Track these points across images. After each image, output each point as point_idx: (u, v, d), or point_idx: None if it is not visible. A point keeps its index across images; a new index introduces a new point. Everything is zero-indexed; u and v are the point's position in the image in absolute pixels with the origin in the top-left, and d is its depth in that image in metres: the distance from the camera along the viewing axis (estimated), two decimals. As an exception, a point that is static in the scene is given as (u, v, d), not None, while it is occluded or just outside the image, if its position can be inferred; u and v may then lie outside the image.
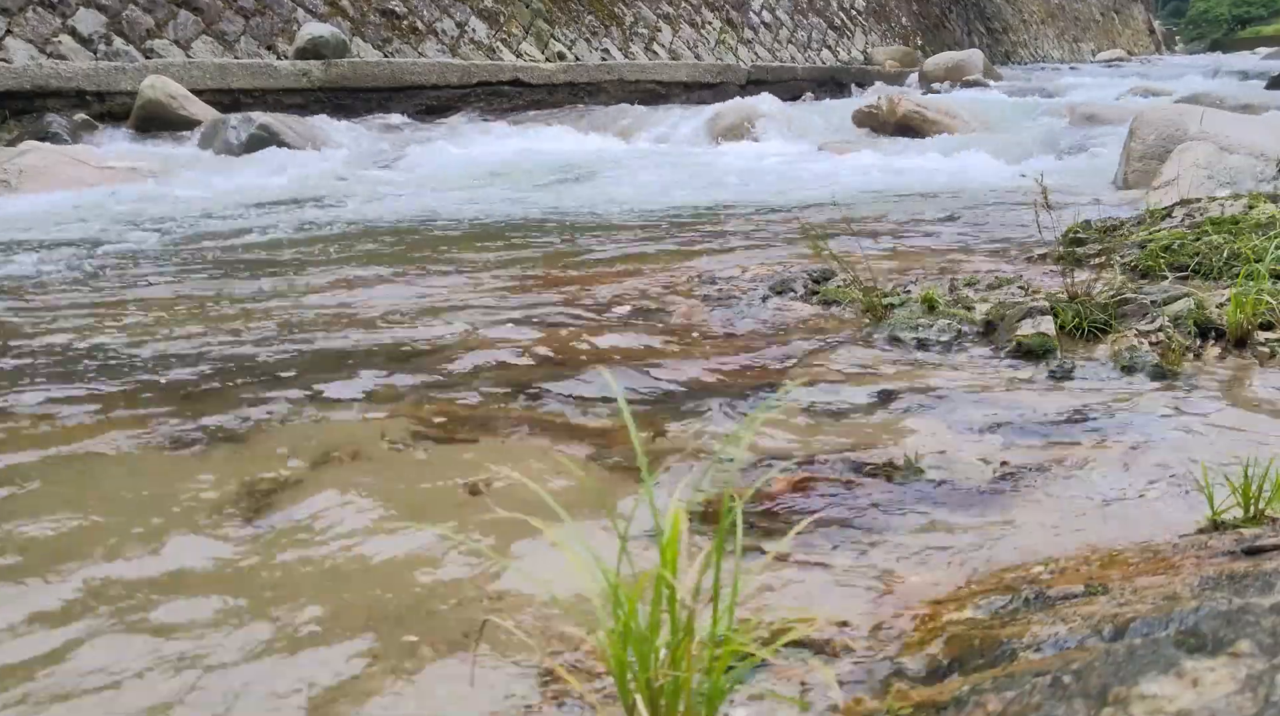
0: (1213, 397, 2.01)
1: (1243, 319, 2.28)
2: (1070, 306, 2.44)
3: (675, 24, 15.00)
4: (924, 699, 0.92)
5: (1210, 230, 3.09)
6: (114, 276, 3.54)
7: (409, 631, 1.19)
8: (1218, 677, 0.73)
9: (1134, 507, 1.51)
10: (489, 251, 4.05)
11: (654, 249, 4.03)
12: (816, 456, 1.73)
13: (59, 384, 2.18)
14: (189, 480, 1.64)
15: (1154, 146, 5.36)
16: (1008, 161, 6.95)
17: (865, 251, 3.16)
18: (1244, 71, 16.02)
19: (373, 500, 1.56)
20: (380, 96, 9.87)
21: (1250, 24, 57.51)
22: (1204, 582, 1.01)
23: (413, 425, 1.90)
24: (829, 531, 1.45)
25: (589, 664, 1.09)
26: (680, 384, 2.19)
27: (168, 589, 1.29)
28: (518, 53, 12.13)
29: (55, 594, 1.28)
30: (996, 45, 24.40)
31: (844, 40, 18.84)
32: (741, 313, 2.79)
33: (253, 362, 2.35)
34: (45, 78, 7.90)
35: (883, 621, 1.17)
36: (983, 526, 1.46)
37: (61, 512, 1.51)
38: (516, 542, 1.42)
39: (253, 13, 9.89)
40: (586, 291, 3.15)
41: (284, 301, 3.04)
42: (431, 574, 1.33)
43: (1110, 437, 1.81)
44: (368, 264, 3.75)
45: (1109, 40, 32.70)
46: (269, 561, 1.36)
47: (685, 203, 5.61)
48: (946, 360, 2.34)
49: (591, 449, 1.80)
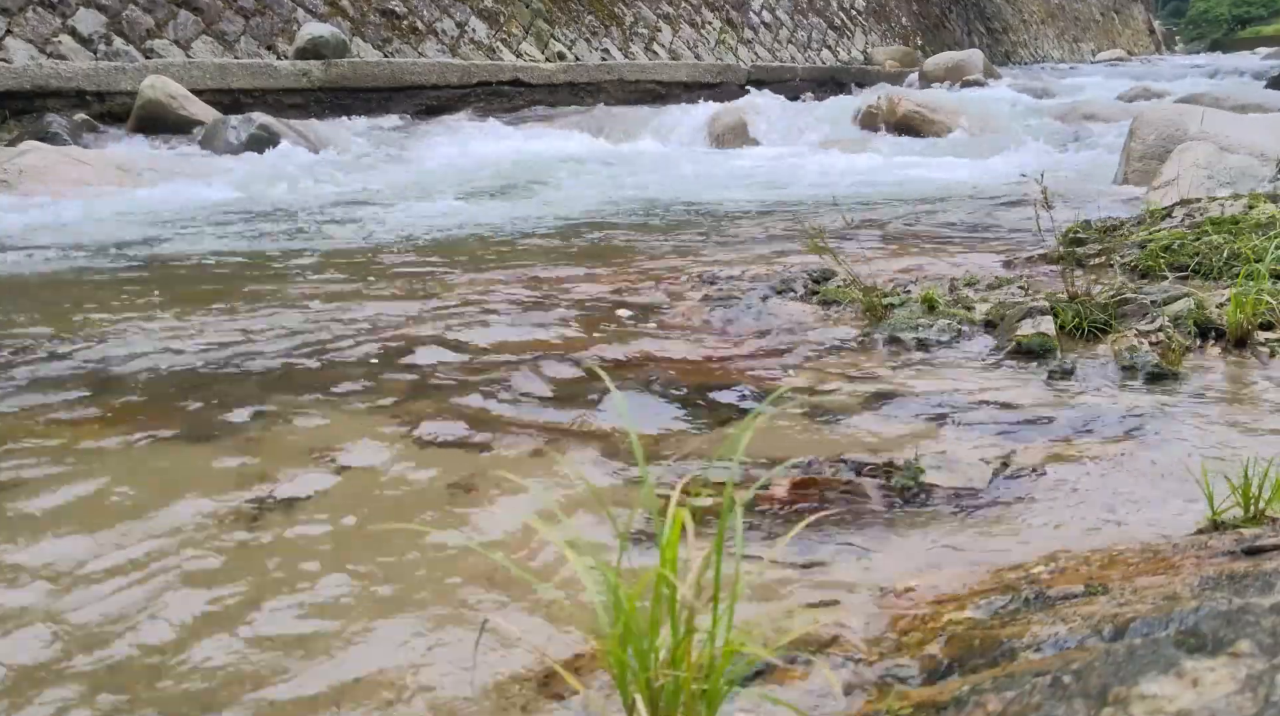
0: (1213, 397, 2.01)
1: (1243, 319, 2.28)
2: (1070, 306, 2.44)
3: (675, 24, 15.00)
4: (924, 699, 0.92)
5: (1210, 230, 3.09)
6: (112, 276, 3.54)
7: (410, 630, 1.19)
8: (1218, 677, 0.73)
9: (1134, 507, 1.51)
10: (488, 252, 4.05)
11: (653, 249, 4.03)
12: (816, 457, 1.73)
13: (41, 383, 2.18)
14: (187, 477, 1.64)
15: (1154, 146, 5.37)
16: (1007, 161, 6.95)
17: (865, 251, 3.16)
18: (1244, 71, 16.01)
19: (372, 500, 1.56)
20: (380, 96, 9.86)
21: (1250, 24, 57.49)
22: (1204, 582, 1.01)
23: (411, 426, 1.90)
24: (829, 531, 1.45)
25: (589, 664, 1.09)
26: (680, 384, 2.19)
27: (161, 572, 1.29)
28: (518, 53, 12.13)
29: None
30: (996, 45, 24.39)
31: (844, 40, 18.84)
32: (741, 313, 2.79)
33: (249, 362, 2.35)
34: (45, 78, 7.90)
35: (883, 621, 1.17)
36: (982, 526, 1.46)
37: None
38: (517, 543, 1.42)
39: (253, 13, 9.89)
40: (585, 291, 3.14)
41: (282, 302, 3.04)
42: (432, 572, 1.33)
43: (1110, 437, 1.81)
44: (367, 263, 3.75)
45: (1109, 40, 32.69)
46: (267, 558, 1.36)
47: (685, 203, 5.61)
48: (946, 360, 2.34)
49: (591, 450, 1.80)
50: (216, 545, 1.41)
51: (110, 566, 1.35)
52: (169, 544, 1.41)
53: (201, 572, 1.34)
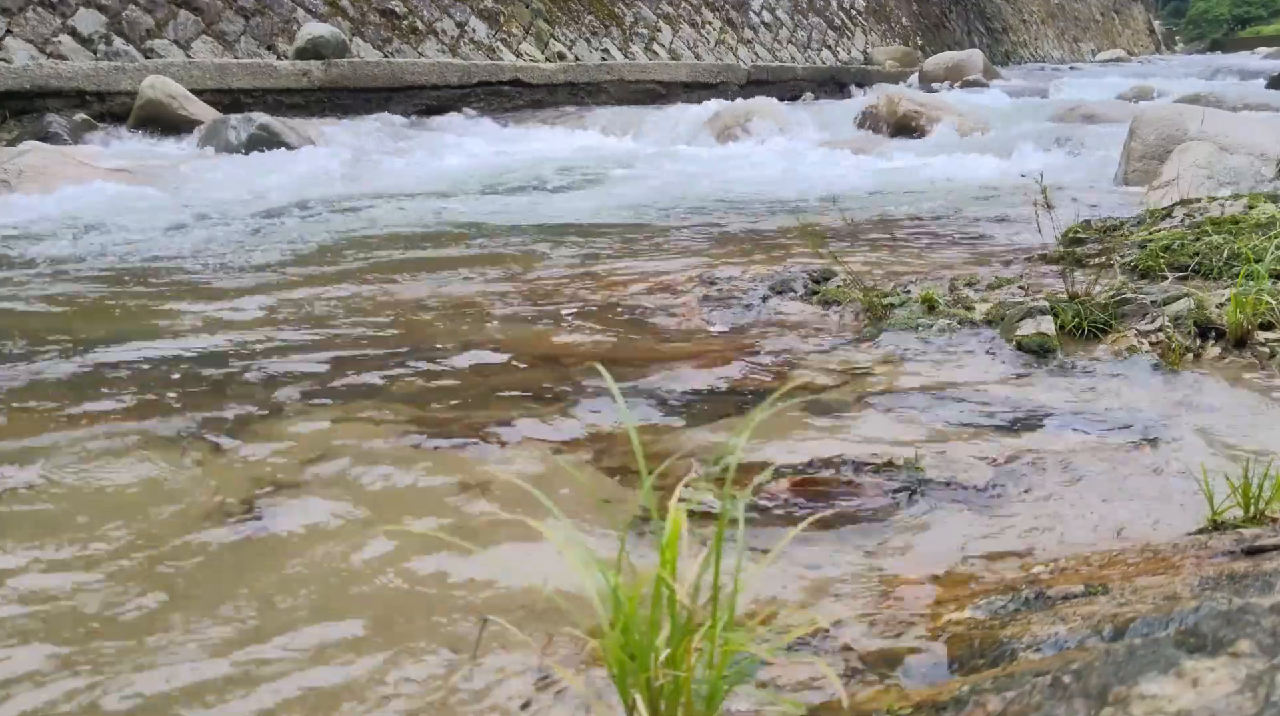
0: (1212, 397, 2.01)
1: (1243, 319, 2.28)
2: (1070, 306, 2.44)
3: (675, 24, 15.00)
4: (924, 699, 0.92)
5: (1210, 230, 3.09)
6: (111, 276, 3.54)
7: (410, 630, 1.19)
8: (1218, 677, 0.73)
9: (1134, 507, 1.51)
10: (488, 252, 4.05)
11: (653, 249, 4.03)
12: (816, 456, 1.73)
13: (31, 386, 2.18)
14: (185, 476, 1.64)
15: (1154, 146, 5.37)
16: (1007, 161, 6.94)
17: (865, 251, 3.16)
18: (1244, 71, 16.01)
19: (372, 500, 1.56)
20: (380, 96, 9.86)
21: (1250, 24, 57.47)
22: (1204, 582, 1.01)
23: (411, 425, 1.90)
24: (829, 531, 1.45)
25: (589, 663, 1.09)
26: (680, 384, 2.19)
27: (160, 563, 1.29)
28: (518, 53, 12.13)
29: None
30: (996, 45, 24.39)
31: (844, 40, 18.84)
32: (741, 313, 2.79)
33: (244, 363, 2.35)
34: (45, 78, 7.89)
35: (883, 621, 1.17)
36: (982, 526, 1.46)
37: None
38: (517, 543, 1.42)
39: (253, 13, 9.89)
40: (585, 291, 3.14)
41: (282, 301, 3.04)
42: (431, 573, 1.33)
43: (1110, 437, 1.81)
44: (366, 265, 3.75)
45: (1109, 40, 32.69)
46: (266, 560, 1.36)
47: (684, 202, 5.61)
48: (946, 360, 2.34)
49: (591, 450, 1.80)
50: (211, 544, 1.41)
51: (110, 565, 1.35)
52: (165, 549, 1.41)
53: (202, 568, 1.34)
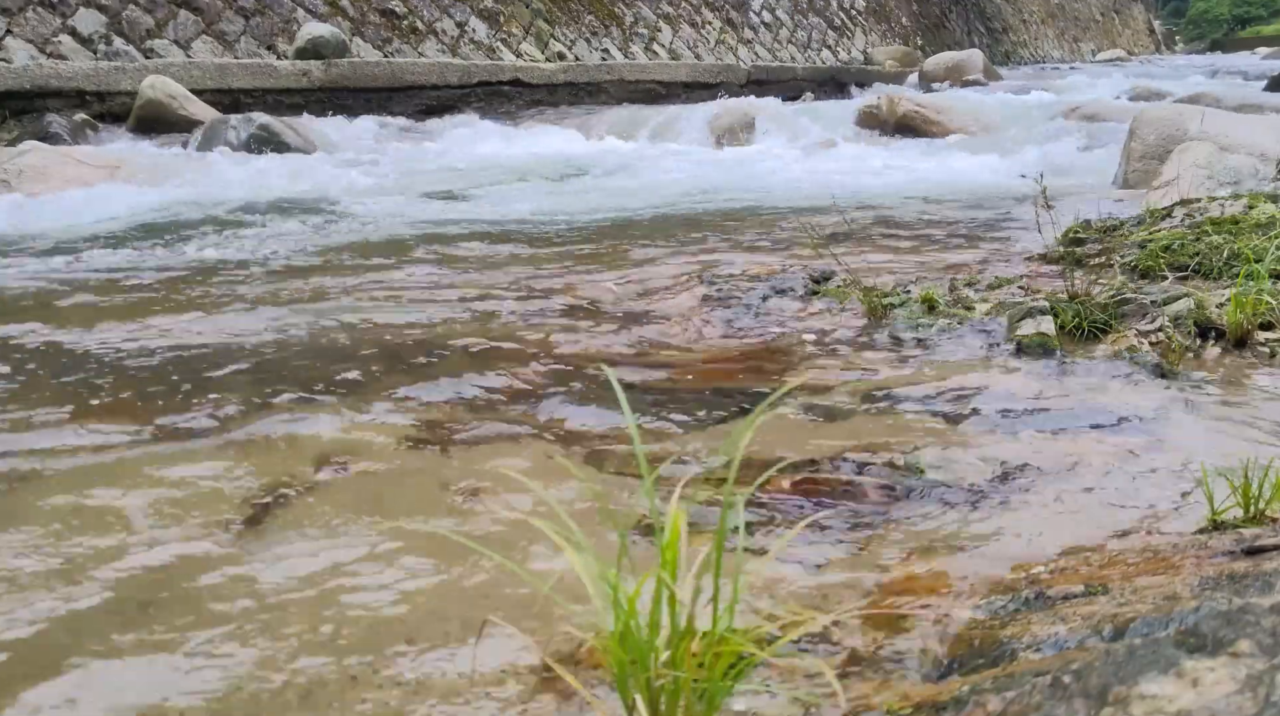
0: (1212, 397, 2.01)
1: (1243, 319, 2.28)
2: (1070, 306, 2.44)
3: (675, 24, 15.00)
4: (924, 698, 0.92)
5: (1210, 230, 3.09)
6: (110, 276, 3.54)
7: (410, 630, 1.19)
8: (1218, 677, 0.73)
9: (1134, 507, 1.51)
10: (487, 253, 4.05)
11: (653, 249, 4.03)
12: (816, 456, 1.73)
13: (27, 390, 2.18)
14: (185, 479, 1.64)
15: (1154, 146, 5.36)
16: (1006, 161, 6.94)
17: (865, 251, 3.16)
18: (1244, 71, 16.00)
19: (372, 501, 1.56)
20: (380, 96, 9.86)
21: (1250, 24, 57.47)
22: (1204, 582, 1.01)
23: (411, 427, 1.90)
24: (829, 531, 1.45)
25: (589, 663, 1.09)
26: (680, 384, 2.19)
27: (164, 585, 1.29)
28: (518, 53, 12.13)
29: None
30: (996, 45, 24.38)
31: (844, 40, 18.84)
32: (741, 313, 2.79)
33: (243, 362, 2.35)
34: (45, 78, 7.89)
35: (883, 620, 1.17)
36: (982, 526, 1.46)
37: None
38: (517, 543, 1.42)
39: (253, 13, 9.89)
40: (585, 292, 3.14)
41: (275, 302, 3.04)
42: (431, 573, 1.33)
43: (1110, 437, 1.81)
44: (365, 264, 3.75)
45: (1109, 40, 32.69)
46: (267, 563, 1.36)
47: (684, 203, 5.61)
48: (947, 360, 2.34)
49: (591, 450, 1.80)
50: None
51: (109, 567, 1.35)
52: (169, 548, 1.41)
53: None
